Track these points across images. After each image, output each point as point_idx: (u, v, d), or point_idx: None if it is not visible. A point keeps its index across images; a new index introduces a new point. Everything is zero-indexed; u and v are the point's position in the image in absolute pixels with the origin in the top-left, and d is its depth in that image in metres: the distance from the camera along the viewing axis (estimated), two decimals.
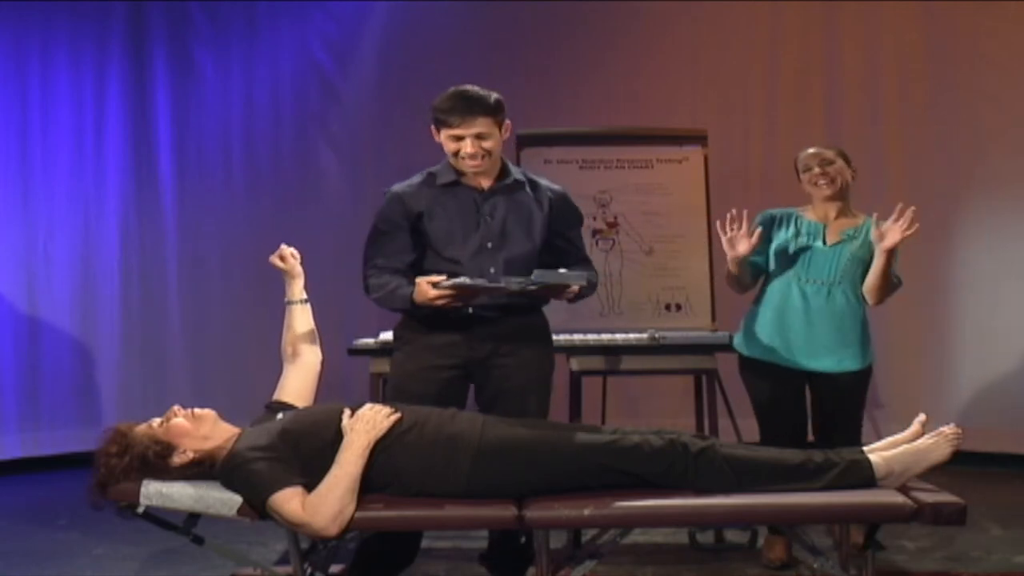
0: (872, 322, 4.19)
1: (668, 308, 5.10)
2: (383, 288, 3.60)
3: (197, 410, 3.24)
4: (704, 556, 4.36)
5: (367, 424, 3.14)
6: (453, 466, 3.13)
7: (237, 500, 3.06)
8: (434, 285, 3.42)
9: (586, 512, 3.02)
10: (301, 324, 3.60)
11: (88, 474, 3.16)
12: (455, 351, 3.60)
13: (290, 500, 3.00)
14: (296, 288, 3.63)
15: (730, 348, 4.51)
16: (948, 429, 3.19)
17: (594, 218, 5.07)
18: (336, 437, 3.13)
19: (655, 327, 4.74)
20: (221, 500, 3.08)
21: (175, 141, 6.63)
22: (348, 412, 3.20)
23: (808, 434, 4.13)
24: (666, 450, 3.13)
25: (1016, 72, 6.09)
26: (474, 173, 3.60)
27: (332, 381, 3.82)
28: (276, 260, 3.62)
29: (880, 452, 3.20)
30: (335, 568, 3.66)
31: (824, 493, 3.09)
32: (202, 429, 3.20)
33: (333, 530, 2.99)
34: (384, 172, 6.35)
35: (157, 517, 3.19)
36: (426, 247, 3.63)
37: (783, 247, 4.11)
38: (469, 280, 3.40)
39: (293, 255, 3.63)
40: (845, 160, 4.14)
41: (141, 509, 3.12)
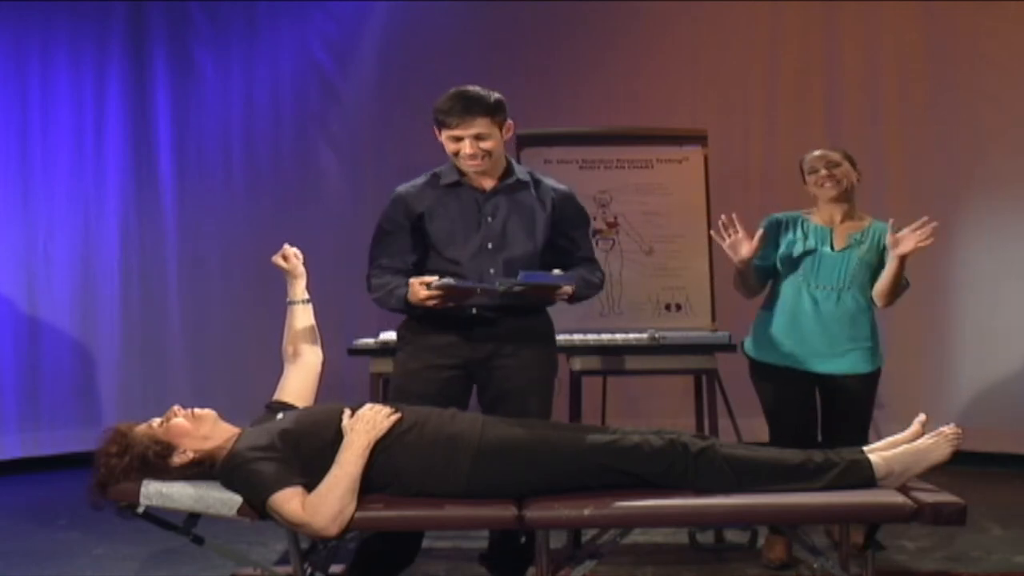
0: None
1: (668, 308, 5.10)
2: (383, 288, 3.61)
3: (197, 410, 3.24)
4: (704, 556, 4.36)
5: (367, 424, 3.14)
6: (453, 466, 3.13)
7: (237, 500, 3.06)
8: (427, 286, 3.42)
9: (586, 512, 3.02)
10: (302, 324, 3.60)
11: (88, 474, 3.16)
12: (456, 351, 3.60)
13: (290, 500, 3.00)
14: (298, 288, 3.63)
15: (730, 348, 4.53)
16: (948, 429, 3.20)
17: (594, 218, 5.03)
18: (336, 437, 3.13)
19: (655, 327, 4.74)
20: (221, 500, 3.08)
21: (175, 141, 6.62)
22: (348, 412, 3.20)
23: (817, 437, 4.12)
24: (666, 450, 3.13)
25: (1016, 72, 6.09)
26: (476, 173, 3.60)
27: (332, 381, 3.81)
28: (279, 260, 3.62)
29: (880, 452, 3.19)
30: (335, 568, 3.65)
31: (824, 493, 3.09)
32: (202, 429, 3.20)
33: (333, 530, 2.99)
34: (384, 172, 6.37)
35: (157, 517, 3.19)
36: (428, 247, 3.63)
37: (791, 252, 4.11)
38: (453, 281, 3.41)
39: (296, 255, 3.63)
40: (851, 163, 4.14)
41: (141, 509, 3.12)
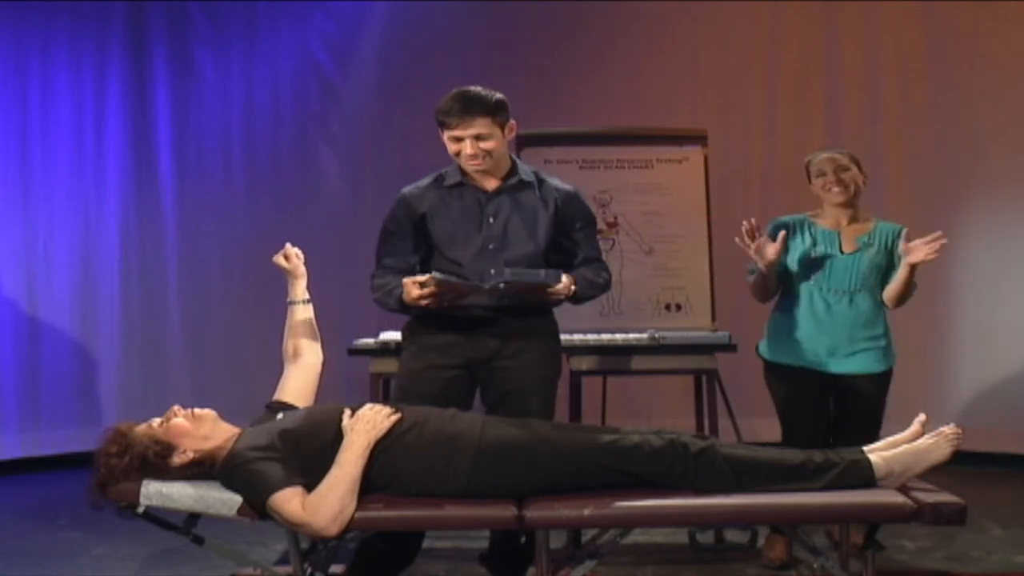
0: None
1: (668, 308, 5.10)
2: (383, 288, 3.63)
3: (197, 410, 3.23)
4: (704, 556, 4.36)
5: (367, 424, 3.14)
6: (453, 466, 3.12)
7: (237, 500, 3.06)
8: (420, 285, 3.42)
9: (586, 512, 3.02)
10: (303, 324, 3.60)
11: (88, 474, 3.16)
12: (458, 351, 3.60)
13: (290, 500, 2.99)
14: (299, 288, 3.63)
15: (730, 348, 4.54)
16: (948, 429, 3.19)
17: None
18: (336, 437, 3.13)
19: (655, 327, 4.74)
20: (221, 500, 3.08)
21: (175, 141, 6.62)
22: (348, 412, 3.20)
23: (829, 439, 4.13)
24: (666, 450, 3.13)
25: (1016, 72, 6.09)
26: (479, 174, 3.60)
27: (332, 381, 3.81)
28: (280, 260, 3.61)
29: (880, 452, 3.19)
30: (335, 568, 3.66)
31: (824, 493, 3.08)
32: (202, 429, 3.20)
33: (333, 530, 2.99)
34: (384, 172, 6.37)
35: (157, 517, 3.19)
36: (432, 248, 3.63)
37: (801, 256, 4.12)
38: (441, 276, 3.41)
39: (297, 255, 3.63)
40: (858, 166, 4.14)
41: (141, 509, 3.12)
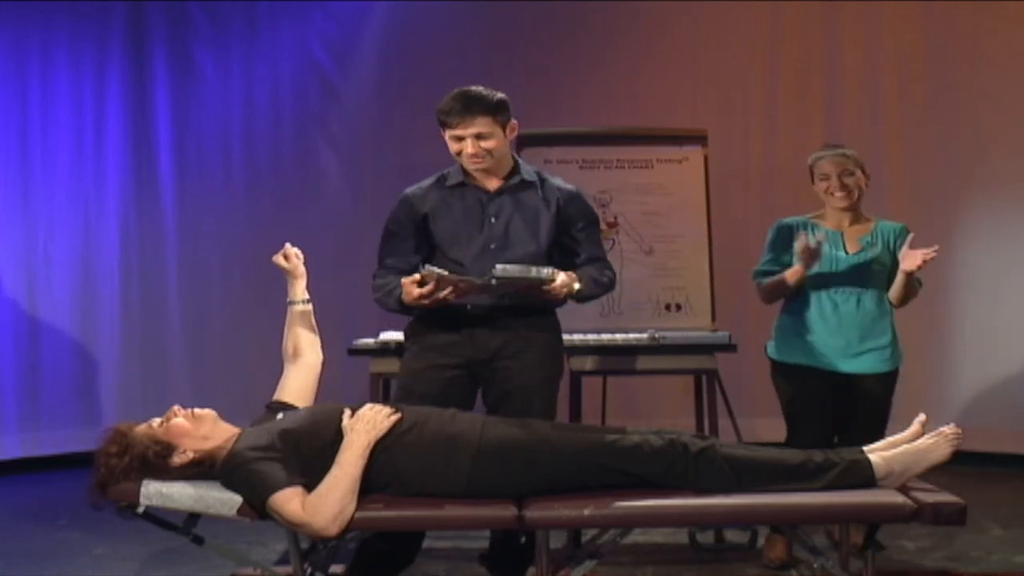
0: None
1: (668, 308, 5.10)
2: (383, 288, 3.63)
3: (197, 410, 3.23)
4: (704, 556, 4.36)
5: (367, 424, 3.14)
6: (453, 466, 3.12)
7: (237, 500, 3.06)
8: (419, 283, 3.43)
9: (586, 512, 3.02)
10: (303, 324, 3.60)
11: (88, 474, 3.16)
12: (459, 351, 3.61)
13: (290, 500, 2.99)
14: (298, 288, 3.63)
15: (730, 348, 4.54)
16: (948, 429, 3.19)
17: None
18: (336, 437, 3.13)
19: (655, 327, 4.74)
20: (221, 500, 3.08)
21: (175, 141, 6.62)
22: (348, 412, 3.20)
23: (834, 439, 4.14)
24: (666, 450, 3.13)
25: (1016, 72, 6.09)
26: (481, 174, 3.61)
27: (332, 381, 3.81)
28: (280, 259, 3.61)
29: (880, 452, 3.19)
30: (335, 568, 3.65)
31: (824, 493, 3.08)
32: (202, 429, 3.20)
33: (333, 530, 2.98)
34: (384, 172, 6.37)
35: (157, 517, 3.18)
36: (434, 248, 3.63)
37: None
38: (436, 269, 3.42)
39: (297, 255, 3.63)
40: (861, 169, 4.14)
41: (141, 509, 3.12)
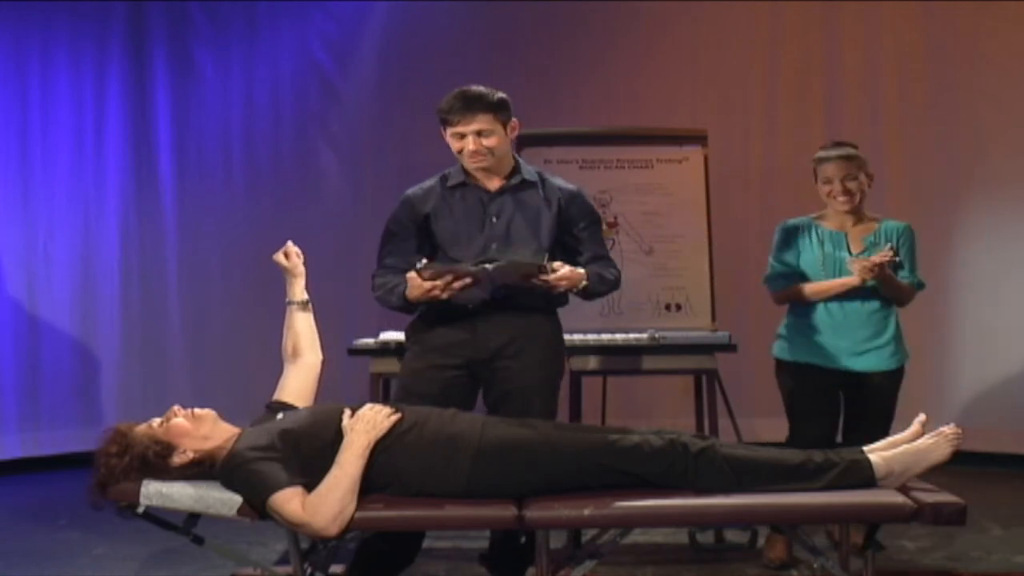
0: None
1: (668, 308, 5.10)
2: (384, 287, 3.64)
3: (197, 410, 3.23)
4: (704, 556, 4.36)
5: (367, 424, 3.14)
6: (453, 466, 3.12)
7: (237, 500, 3.06)
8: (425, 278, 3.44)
9: (586, 512, 3.02)
10: (302, 324, 3.59)
11: (88, 474, 3.16)
12: (459, 351, 3.61)
13: (290, 500, 2.99)
14: (298, 288, 3.62)
15: (730, 348, 4.54)
16: (948, 429, 3.19)
17: None
18: (336, 437, 3.13)
19: (655, 327, 4.74)
20: (221, 500, 3.08)
21: (175, 141, 6.62)
22: (348, 412, 3.20)
23: (836, 438, 4.15)
24: (666, 450, 3.13)
25: (1016, 72, 6.09)
26: (482, 173, 3.61)
27: (332, 381, 3.81)
28: (280, 258, 3.60)
29: (880, 452, 3.19)
30: (335, 568, 3.65)
31: (824, 493, 3.08)
32: (202, 429, 3.20)
33: (333, 530, 2.98)
34: (384, 172, 6.37)
35: (157, 517, 3.18)
36: (435, 248, 3.64)
37: (812, 258, 4.14)
38: (428, 262, 3.44)
39: (297, 254, 3.63)
40: (865, 172, 4.14)
41: (141, 509, 3.12)
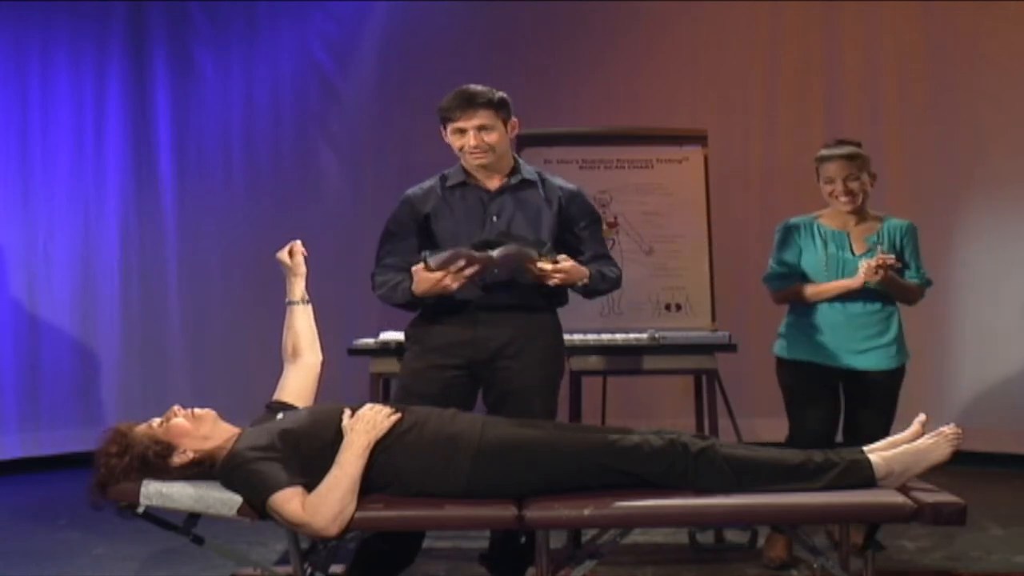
0: None
1: (668, 308, 5.10)
2: (387, 284, 3.65)
3: (197, 410, 3.23)
4: (704, 556, 4.36)
5: (367, 424, 3.14)
6: (453, 466, 3.12)
7: (237, 500, 3.06)
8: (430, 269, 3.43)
9: (586, 512, 3.02)
10: (302, 324, 3.59)
11: (88, 474, 3.16)
12: (459, 351, 3.61)
13: (290, 500, 2.99)
14: (298, 288, 3.62)
15: (730, 348, 4.55)
16: (948, 429, 3.19)
17: None
18: (336, 437, 3.13)
19: (655, 327, 4.74)
20: (221, 500, 3.08)
21: (175, 141, 6.63)
22: (348, 412, 3.20)
23: (835, 437, 4.15)
24: (666, 450, 3.13)
25: (1016, 72, 6.09)
26: (482, 172, 3.61)
27: (332, 381, 3.81)
28: (284, 255, 3.59)
29: (880, 452, 3.19)
30: (335, 568, 3.65)
31: (824, 493, 3.08)
32: (202, 429, 3.20)
33: (333, 530, 2.98)
34: (384, 172, 6.37)
35: (157, 517, 3.18)
36: (436, 248, 3.63)
37: (814, 258, 4.14)
38: (430, 252, 3.45)
39: (303, 253, 3.62)
40: (868, 171, 4.14)
41: (141, 509, 3.12)
